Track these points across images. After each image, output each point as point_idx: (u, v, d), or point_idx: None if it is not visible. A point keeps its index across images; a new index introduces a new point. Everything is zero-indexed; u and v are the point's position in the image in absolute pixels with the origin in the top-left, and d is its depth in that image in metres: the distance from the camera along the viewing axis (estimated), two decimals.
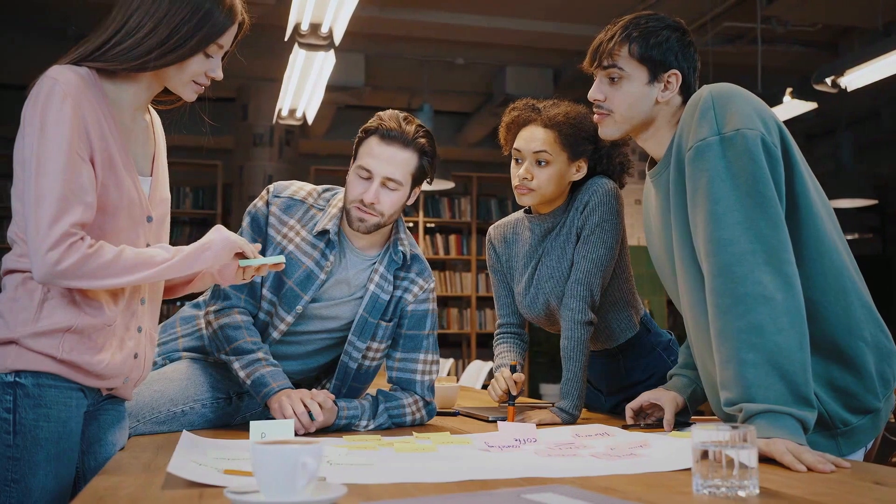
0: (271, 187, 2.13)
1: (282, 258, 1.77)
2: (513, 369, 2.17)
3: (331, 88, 7.39)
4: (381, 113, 2.08)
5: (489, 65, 7.74)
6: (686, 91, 1.85)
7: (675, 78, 1.83)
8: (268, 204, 2.10)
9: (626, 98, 1.83)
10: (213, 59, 1.67)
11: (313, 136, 8.71)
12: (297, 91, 5.30)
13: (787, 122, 5.87)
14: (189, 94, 1.70)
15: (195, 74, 1.66)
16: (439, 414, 2.39)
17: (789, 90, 5.28)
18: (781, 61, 6.86)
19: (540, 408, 2.23)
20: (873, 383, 1.69)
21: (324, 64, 4.77)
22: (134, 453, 1.60)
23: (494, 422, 2.11)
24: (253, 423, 1.64)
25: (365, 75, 7.51)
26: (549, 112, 2.21)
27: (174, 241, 6.55)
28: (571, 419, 2.12)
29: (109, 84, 1.63)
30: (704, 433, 1.20)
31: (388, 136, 2.03)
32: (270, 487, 1.07)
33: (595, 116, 1.89)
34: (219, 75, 1.70)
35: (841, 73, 4.88)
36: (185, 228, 8.32)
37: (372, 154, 2.03)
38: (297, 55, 4.67)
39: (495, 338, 2.46)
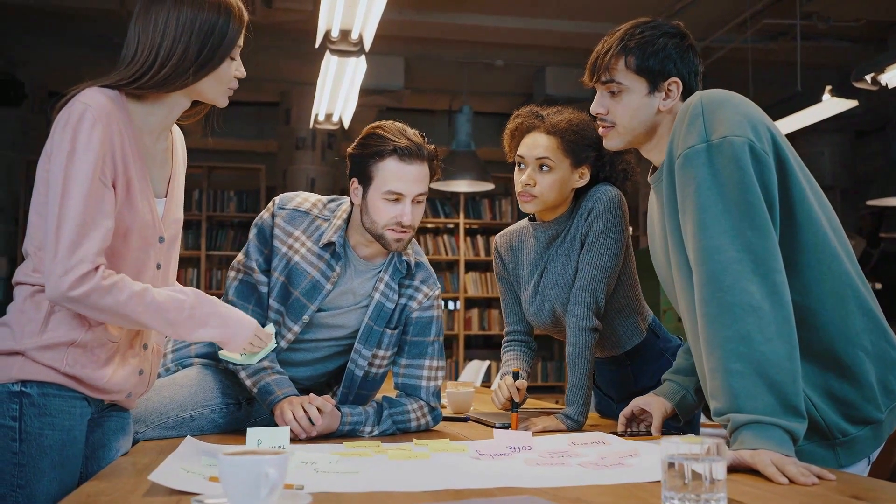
0: (277, 199, 2.18)
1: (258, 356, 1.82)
2: (515, 376, 2.19)
3: (370, 92, 7.48)
4: (379, 131, 2.07)
5: (529, 66, 7.74)
6: (688, 97, 1.84)
7: (675, 86, 1.82)
8: (273, 215, 2.14)
9: (628, 110, 1.83)
10: (236, 60, 1.73)
11: (355, 138, 8.78)
12: (331, 96, 5.36)
13: (830, 119, 5.79)
14: (224, 100, 1.76)
15: (229, 80, 1.72)
16: (451, 419, 2.42)
17: (829, 88, 5.18)
18: (825, 58, 6.73)
19: (547, 414, 2.23)
20: (874, 393, 1.66)
21: (356, 69, 4.82)
22: (135, 458, 1.66)
23: (499, 428, 2.12)
24: (250, 430, 1.68)
25: (404, 78, 7.57)
26: (552, 119, 2.22)
27: (219, 245, 6.58)
28: (577, 426, 2.12)
29: (137, 106, 1.67)
30: (673, 445, 1.21)
31: (407, 154, 2.03)
32: (235, 497, 1.11)
33: (600, 129, 1.90)
34: (244, 72, 1.75)
35: (881, 70, 4.79)
36: (230, 232, 8.47)
37: (397, 177, 2.03)
38: (330, 61, 4.73)
39: (503, 345, 2.48)
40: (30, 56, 7.52)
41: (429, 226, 8.59)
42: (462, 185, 7.44)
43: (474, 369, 6.12)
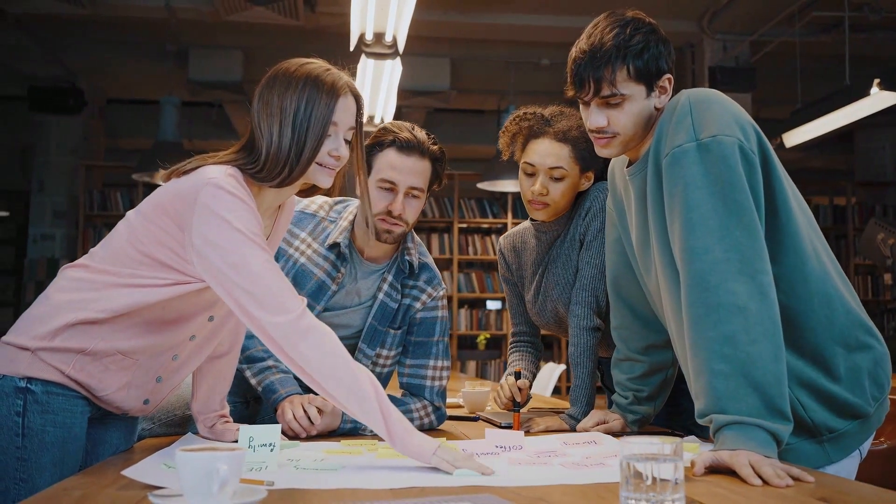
0: None
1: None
2: (517, 376, 2.19)
3: (417, 93, 7.53)
4: (388, 125, 2.13)
5: None
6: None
7: (668, 81, 1.79)
8: None
9: (631, 117, 1.75)
10: (332, 138, 1.68)
11: None
12: (371, 99, 5.42)
13: (891, 113, 5.61)
14: (324, 181, 1.70)
15: (318, 157, 1.67)
16: (461, 418, 2.43)
17: (877, 81, 5.04)
18: (877, 50, 6.54)
19: (552, 413, 2.23)
20: (862, 389, 1.67)
21: (393, 71, 4.87)
22: (129, 455, 1.70)
23: (505, 427, 2.13)
24: (242, 428, 1.71)
25: (450, 79, 7.61)
26: (559, 125, 2.19)
27: None
28: None
29: (254, 187, 1.69)
30: (630, 445, 1.20)
31: (407, 146, 2.08)
32: (189, 491, 1.15)
33: (598, 141, 1.80)
34: (343, 153, 1.69)
35: None
36: None
37: (393, 166, 2.08)
38: (367, 64, 4.78)
39: (509, 346, 2.48)
40: (88, 65, 7.77)
41: (483, 226, 8.60)
42: (509, 186, 7.43)
43: None
